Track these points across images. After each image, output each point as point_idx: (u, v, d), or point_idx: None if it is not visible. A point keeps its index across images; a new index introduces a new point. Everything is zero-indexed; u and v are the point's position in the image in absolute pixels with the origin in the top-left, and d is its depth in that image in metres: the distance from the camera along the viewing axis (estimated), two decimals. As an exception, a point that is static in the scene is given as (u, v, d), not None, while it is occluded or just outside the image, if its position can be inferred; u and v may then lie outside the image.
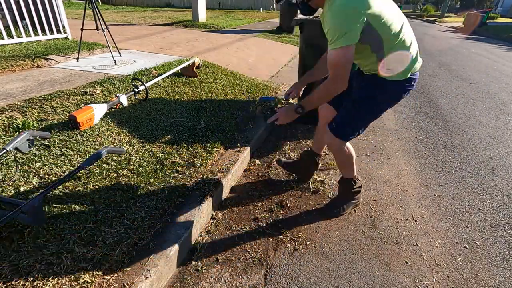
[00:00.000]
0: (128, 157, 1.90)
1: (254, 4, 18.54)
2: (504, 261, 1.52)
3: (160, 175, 1.77)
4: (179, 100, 2.89)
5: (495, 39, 11.64)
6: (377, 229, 1.70)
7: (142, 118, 2.43)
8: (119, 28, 7.00)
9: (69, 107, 2.39)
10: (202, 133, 2.31)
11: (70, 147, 1.89)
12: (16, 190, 1.49)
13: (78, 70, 3.41)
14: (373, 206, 1.90)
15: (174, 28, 7.76)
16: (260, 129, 2.58)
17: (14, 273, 1.10)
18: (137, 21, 9.02)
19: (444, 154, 2.58)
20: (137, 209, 1.49)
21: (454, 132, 3.03)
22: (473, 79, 5.13)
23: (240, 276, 1.39)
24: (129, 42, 5.28)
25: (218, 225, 1.69)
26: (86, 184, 1.61)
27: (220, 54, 5.00)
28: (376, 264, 1.47)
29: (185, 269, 1.41)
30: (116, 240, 1.30)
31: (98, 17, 3.71)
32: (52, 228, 1.31)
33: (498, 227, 1.74)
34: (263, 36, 7.56)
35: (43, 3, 4.45)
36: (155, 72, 3.41)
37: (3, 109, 2.20)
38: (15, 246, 1.21)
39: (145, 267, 1.21)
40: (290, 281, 1.38)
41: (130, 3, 18.99)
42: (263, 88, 3.58)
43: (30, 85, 2.82)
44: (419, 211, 1.86)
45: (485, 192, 2.07)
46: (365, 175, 2.23)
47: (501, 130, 3.10)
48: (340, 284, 1.37)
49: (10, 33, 4.13)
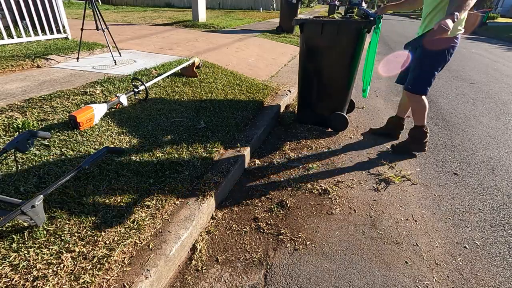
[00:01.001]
0: (128, 157, 1.90)
1: (254, 4, 18.55)
2: (504, 261, 1.52)
3: (160, 175, 1.77)
4: (179, 100, 2.89)
5: (495, 39, 11.64)
6: (377, 229, 1.70)
7: (142, 118, 2.43)
8: (119, 28, 7.00)
9: (69, 107, 2.39)
10: (202, 133, 2.31)
11: (70, 147, 1.89)
12: (16, 190, 1.49)
13: (78, 70, 3.41)
14: (373, 206, 1.90)
15: (174, 28, 7.76)
16: (260, 130, 2.58)
17: (14, 273, 1.11)
18: (137, 21, 9.02)
19: (444, 154, 2.58)
20: (137, 209, 1.49)
21: (454, 132, 3.03)
22: (473, 79, 5.13)
23: (240, 276, 1.39)
24: (129, 42, 5.28)
25: (218, 225, 1.69)
26: (86, 184, 1.61)
27: (220, 54, 5.00)
28: (376, 264, 1.47)
29: (185, 269, 1.41)
30: (116, 240, 1.30)
31: (98, 17, 3.71)
32: (52, 228, 1.31)
33: (498, 227, 1.74)
34: (263, 36, 7.56)
35: (43, 3, 4.45)
36: (155, 72, 3.41)
37: (3, 109, 2.20)
38: (15, 246, 1.21)
39: (145, 267, 1.21)
40: (290, 281, 1.38)
41: (130, 3, 18.98)
42: (263, 88, 3.58)
43: (30, 85, 2.82)
44: (419, 211, 1.86)
45: (485, 192, 2.07)
46: (365, 175, 2.23)
47: (501, 130, 3.10)
48: (340, 284, 1.37)
49: (10, 33, 4.13)
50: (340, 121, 2.85)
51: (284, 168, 2.27)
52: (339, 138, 2.81)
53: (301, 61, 2.79)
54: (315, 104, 2.89)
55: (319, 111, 2.91)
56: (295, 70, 4.81)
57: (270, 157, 2.41)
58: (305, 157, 2.43)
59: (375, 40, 2.45)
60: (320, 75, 2.72)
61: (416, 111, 2.39)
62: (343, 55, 2.56)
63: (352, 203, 1.91)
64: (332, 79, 2.71)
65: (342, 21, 2.47)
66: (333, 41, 2.52)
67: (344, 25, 2.45)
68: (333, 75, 2.69)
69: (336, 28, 2.46)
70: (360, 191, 2.03)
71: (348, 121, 2.84)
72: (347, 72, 2.63)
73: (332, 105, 2.84)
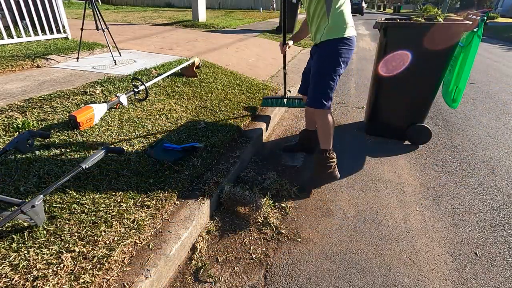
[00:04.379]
0: (128, 157, 1.89)
1: (254, 4, 18.55)
2: (504, 261, 1.52)
3: (160, 175, 1.77)
4: (179, 100, 2.89)
5: (495, 39, 11.64)
6: (377, 229, 1.70)
7: (142, 118, 2.43)
8: (119, 28, 7.00)
9: (69, 107, 2.39)
10: (202, 133, 2.31)
11: (70, 147, 1.89)
12: (16, 190, 1.49)
13: (78, 70, 3.40)
14: (373, 206, 1.90)
15: (174, 28, 7.76)
16: (260, 130, 2.58)
17: (14, 273, 1.11)
18: (137, 21, 9.02)
19: (444, 154, 2.58)
20: (137, 209, 1.49)
21: (454, 132, 3.03)
22: (473, 79, 5.13)
23: (240, 276, 1.39)
24: (129, 42, 5.28)
25: (218, 225, 1.69)
26: (86, 184, 1.61)
27: (220, 54, 5.00)
28: (376, 264, 1.47)
29: (185, 269, 1.41)
30: (116, 240, 1.30)
31: (98, 17, 3.71)
32: (52, 228, 1.31)
33: (498, 227, 1.74)
34: (263, 36, 7.56)
35: (43, 3, 4.45)
36: (155, 72, 3.41)
37: (3, 109, 2.20)
38: (15, 246, 1.21)
39: (145, 267, 1.21)
40: (290, 281, 1.37)
41: (130, 3, 18.98)
42: (263, 88, 3.58)
43: (30, 85, 2.82)
44: (419, 211, 1.86)
45: (485, 192, 2.07)
46: (365, 175, 2.23)
47: (501, 130, 3.10)
48: (340, 284, 1.37)
49: (10, 33, 4.13)
50: (422, 133, 2.64)
51: (284, 168, 2.27)
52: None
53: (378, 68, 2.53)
54: (391, 115, 2.68)
55: (397, 123, 2.68)
56: (295, 70, 4.81)
57: (270, 157, 2.41)
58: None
59: (477, 45, 2.22)
60: (403, 83, 2.48)
61: (319, 129, 2.00)
62: (433, 61, 2.33)
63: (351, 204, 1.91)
64: (416, 89, 2.47)
65: (439, 24, 2.25)
66: (425, 46, 2.27)
67: (442, 29, 2.21)
68: (418, 83, 2.45)
69: (432, 32, 2.22)
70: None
71: (431, 133, 2.65)
72: (434, 81, 2.41)
73: (412, 116, 2.61)
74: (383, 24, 2.35)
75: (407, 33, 2.32)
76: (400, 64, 2.42)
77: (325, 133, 1.96)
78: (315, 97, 1.90)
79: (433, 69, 2.38)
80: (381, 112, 2.73)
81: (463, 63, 2.36)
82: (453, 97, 2.55)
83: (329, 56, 1.83)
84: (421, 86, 2.47)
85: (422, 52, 2.31)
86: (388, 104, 2.66)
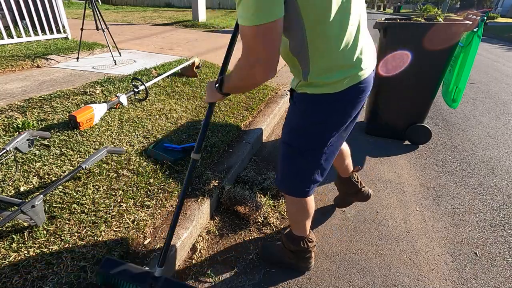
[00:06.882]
0: (128, 157, 1.89)
1: (254, 4, 18.53)
2: (504, 261, 1.52)
3: (160, 175, 1.77)
4: (179, 100, 2.89)
5: (495, 39, 11.64)
6: (377, 229, 1.70)
7: (142, 118, 2.43)
8: (119, 28, 7.00)
9: (69, 107, 2.39)
10: (202, 133, 2.31)
11: (70, 147, 1.89)
12: (16, 190, 1.49)
13: (78, 70, 3.41)
14: (373, 206, 1.90)
15: (174, 28, 7.76)
16: (260, 130, 2.58)
17: (14, 273, 1.10)
18: (137, 21, 9.02)
19: (444, 154, 2.58)
20: (137, 209, 1.49)
21: (454, 132, 3.03)
22: (473, 79, 5.13)
23: (240, 276, 1.39)
24: (129, 42, 5.28)
25: (218, 225, 1.69)
26: (86, 184, 1.61)
27: (220, 54, 5.00)
28: (376, 264, 1.47)
29: (185, 269, 1.41)
30: (116, 240, 1.30)
31: (98, 17, 3.71)
32: (52, 228, 1.31)
33: (498, 227, 1.74)
34: (263, 36, 7.55)
35: (43, 3, 4.45)
36: (155, 72, 3.41)
37: (3, 109, 2.20)
38: (15, 246, 1.21)
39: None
40: (290, 281, 1.38)
41: (130, 3, 18.98)
42: (263, 87, 3.58)
43: (30, 85, 2.82)
44: (419, 211, 1.86)
45: (485, 192, 2.07)
46: (365, 175, 2.23)
47: (501, 130, 3.10)
48: (340, 284, 1.37)
49: (10, 33, 4.13)
50: (422, 134, 2.66)
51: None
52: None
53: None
54: (391, 115, 2.68)
55: (397, 123, 2.69)
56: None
57: (269, 157, 2.41)
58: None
59: (477, 45, 2.21)
60: (403, 83, 2.47)
61: (292, 216, 1.34)
62: (433, 61, 2.34)
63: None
64: (416, 89, 2.47)
65: (439, 24, 2.23)
66: (425, 46, 2.26)
67: (442, 29, 2.20)
68: (418, 83, 2.45)
69: (433, 32, 2.21)
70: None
71: (431, 133, 2.66)
72: (435, 81, 2.41)
73: (412, 116, 2.62)
74: (383, 24, 2.35)
75: (407, 33, 2.32)
76: (400, 64, 2.42)
77: (300, 220, 1.31)
78: (291, 182, 1.23)
79: (433, 69, 2.38)
80: (381, 112, 2.73)
81: (463, 63, 2.37)
82: (453, 97, 2.55)
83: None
84: (421, 86, 2.47)
85: (422, 52, 2.32)
86: (388, 104, 2.66)
